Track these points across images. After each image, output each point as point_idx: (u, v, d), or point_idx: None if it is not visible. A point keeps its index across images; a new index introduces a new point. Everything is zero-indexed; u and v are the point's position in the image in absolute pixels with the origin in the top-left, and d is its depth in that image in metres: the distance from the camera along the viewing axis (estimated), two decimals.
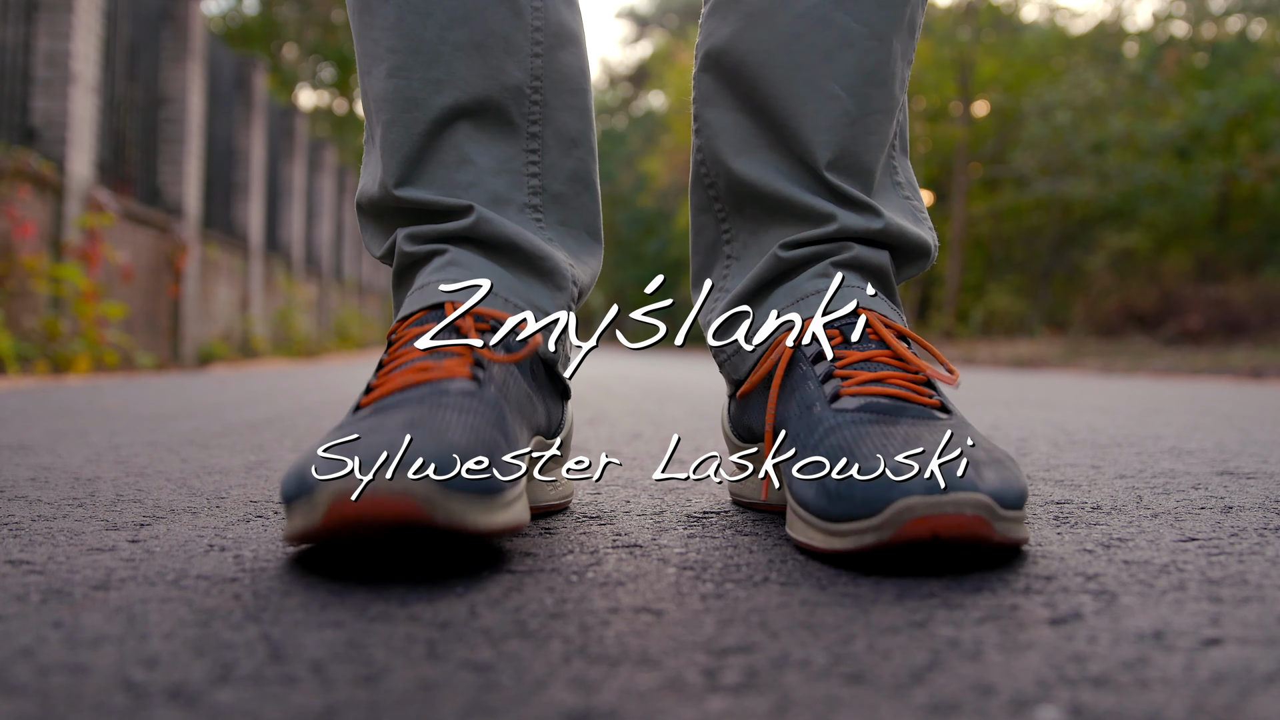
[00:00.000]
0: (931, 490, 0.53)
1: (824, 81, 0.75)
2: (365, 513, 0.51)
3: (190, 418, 1.89)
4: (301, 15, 18.86)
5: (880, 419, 0.62)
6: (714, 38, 0.80)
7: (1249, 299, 9.36)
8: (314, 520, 0.52)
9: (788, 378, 0.70)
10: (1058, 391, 3.42)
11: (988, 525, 0.54)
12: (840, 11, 0.75)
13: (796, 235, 0.76)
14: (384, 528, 0.51)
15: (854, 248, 0.75)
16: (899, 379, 0.66)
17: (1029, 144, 13.70)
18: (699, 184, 0.84)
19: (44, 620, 0.46)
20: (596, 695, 0.37)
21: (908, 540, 0.53)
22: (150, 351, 5.51)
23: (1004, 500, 0.55)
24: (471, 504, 0.53)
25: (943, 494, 0.53)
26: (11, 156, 4.10)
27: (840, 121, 0.76)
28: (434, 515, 0.51)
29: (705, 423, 1.87)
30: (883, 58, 0.76)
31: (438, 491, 0.51)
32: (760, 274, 0.78)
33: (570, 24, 0.81)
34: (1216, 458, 1.20)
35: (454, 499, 0.52)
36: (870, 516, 0.55)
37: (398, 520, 0.51)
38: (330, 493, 0.51)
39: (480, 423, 0.59)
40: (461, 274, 0.72)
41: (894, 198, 0.80)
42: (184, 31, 6.30)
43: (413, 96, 0.75)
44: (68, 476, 0.99)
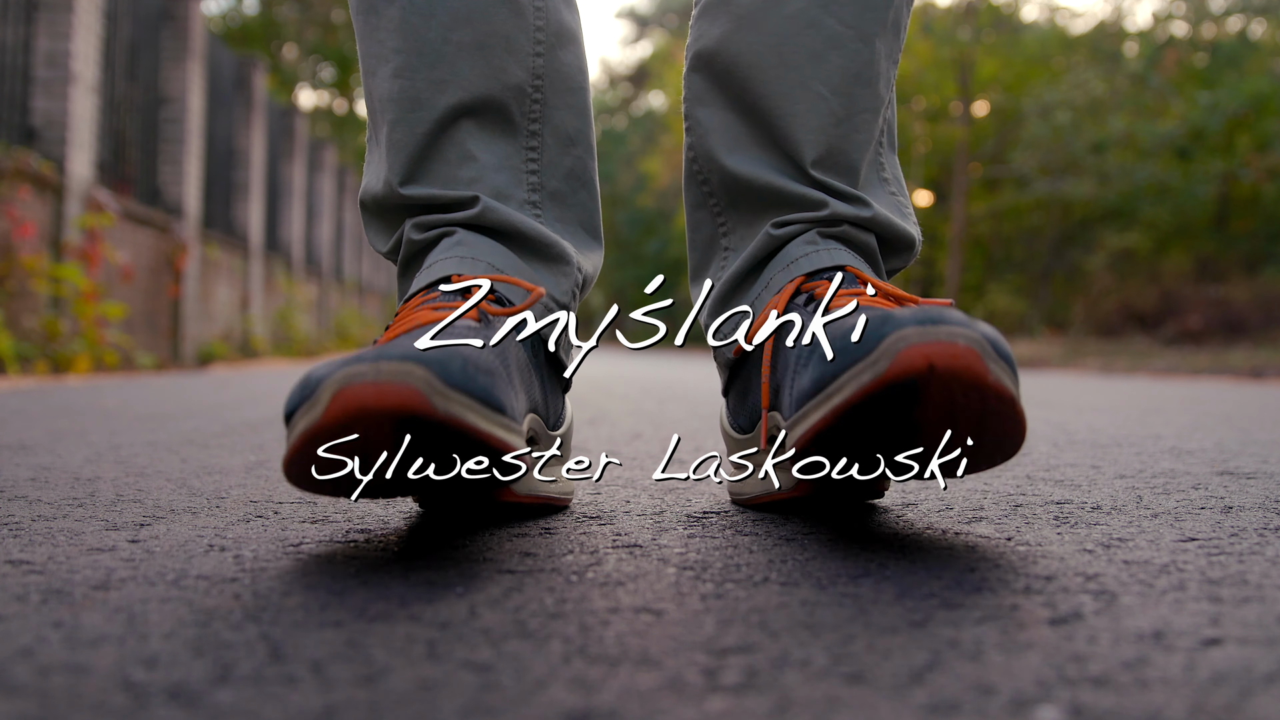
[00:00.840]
0: (924, 323, 0.54)
1: (812, 82, 0.77)
2: (368, 399, 0.50)
3: (190, 418, 1.89)
4: (301, 15, 18.86)
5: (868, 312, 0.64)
6: (704, 39, 0.81)
7: (1249, 299, 9.36)
8: (316, 416, 0.52)
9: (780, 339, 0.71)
10: (1058, 391, 3.42)
11: (981, 361, 0.54)
12: (827, 15, 0.77)
13: (788, 216, 0.78)
14: (386, 417, 0.51)
15: (843, 225, 0.77)
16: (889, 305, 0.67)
17: (1029, 144, 13.71)
18: (693, 181, 0.85)
19: (44, 620, 0.46)
20: (596, 695, 0.37)
21: (904, 373, 0.53)
22: (150, 351, 5.51)
23: (996, 346, 0.55)
24: (471, 404, 0.53)
25: (937, 325, 0.54)
26: (11, 156, 4.10)
27: (827, 121, 0.77)
28: (434, 405, 0.51)
29: (705, 423, 1.87)
30: (868, 59, 0.78)
31: (439, 382, 0.51)
32: (754, 252, 0.79)
33: (570, 24, 0.83)
34: (1216, 458, 1.20)
35: (454, 393, 0.52)
36: (866, 355, 0.55)
37: (399, 408, 0.50)
38: (334, 381, 0.51)
39: (486, 350, 0.59)
40: (469, 252, 0.74)
41: (881, 193, 0.82)
42: (184, 31, 6.30)
43: (417, 96, 0.76)
44: (68, 476, 0.99)
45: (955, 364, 0.53)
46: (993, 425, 0.58)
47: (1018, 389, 0.57)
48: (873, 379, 0.54)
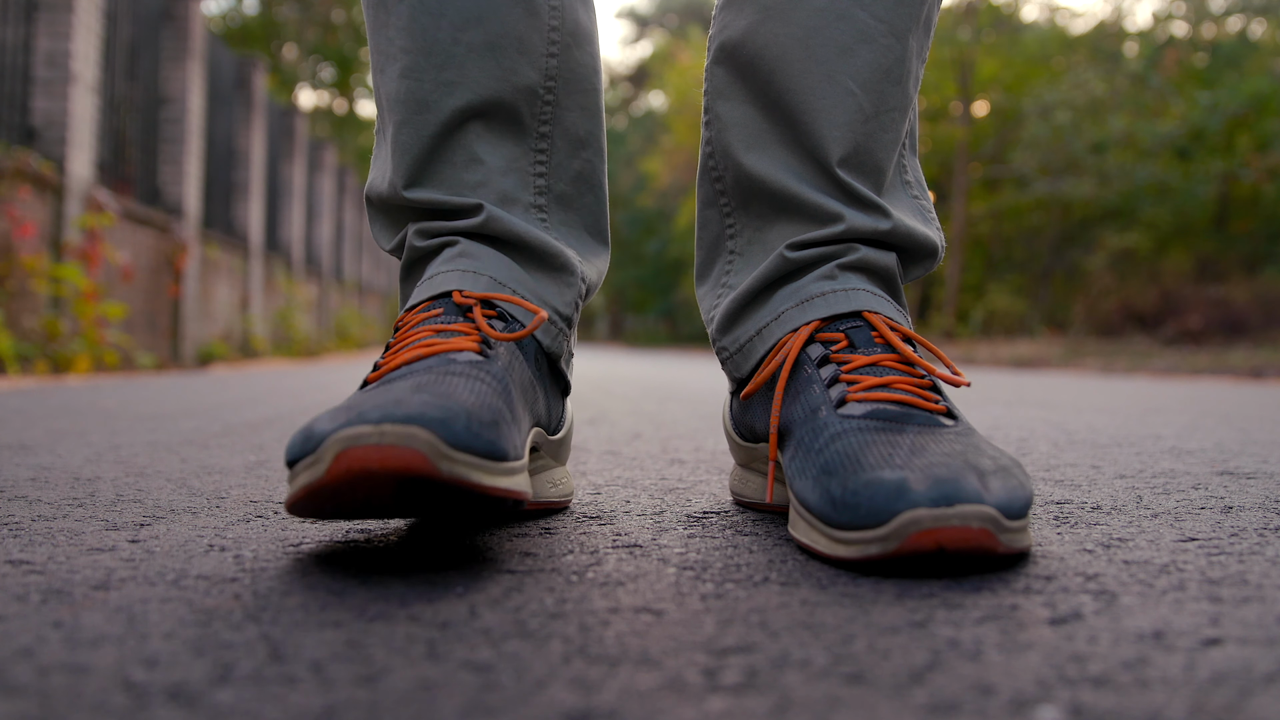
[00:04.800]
0: (937, 503, 0.53)
1: (840, 77, 0.74)
2: (371, 463, 0.50)
3: (190, 418, 1.89)
4: (301, 15, 18.86)
5: (886, 426, 0.62)
6: (729, 30, 0.78)
7: (1249, 299, 9.36)
8: (319, 474, 0.52)
9: (792, 380, 0.70)
10: (1058, 391, 3.42)
11: (993, 537, 0.54)
12: (858, 7, 0.74)
13: (803, 235, 0.75)
14: (389, 478, 0.51)
15: (860, 249, 0.75)
16: (905, 384, 0.66)
17: (1029, 144, 13.71)
18: (706, 177, 0.83)
19: (44, 620, 0.46)
20: (596, 695, 0.37)
21: (913, 552, 0.53)
22: (150, 351, 5.51)
23: (1009, 511, 0.55)
24: (475, 462, 0.53)
25: (949, 507, 0.53)
26: (11, 156, 4.10)
27: (855, 118, 0.74)
28: (438, 467, 0.51)
29: (705, 423, 1.87)
30: (900, 55, 0.75)
31: (443, 444, 0.51)
32: (765, 273, 0.77)
33: (585, 23, 0.81)
34: (1216, 458, 1.20)
35: (458, 454, 0.52)
36: (875, 527, 0.55)
37: (402, 471, 0.51)
38: (337, 441, 0.51)
39: (486, 390, 0.59)
40: (472, 264, 0.73)
41: (903, 197, 0.80)
42: (184, 31, 6.30)
43: (424, 99, 0.75)
44: (68, 476, 0.99)
45: (967, 544, 0.53)
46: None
47: (1028, 534, 0.58)
48: (880, 553, 0.54)
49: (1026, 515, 0.57)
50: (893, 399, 0.64)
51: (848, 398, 0.65)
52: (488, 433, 0.54)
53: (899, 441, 0.60)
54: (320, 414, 0.57)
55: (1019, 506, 0.56)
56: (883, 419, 0.63)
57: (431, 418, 0.52)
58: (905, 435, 0.61)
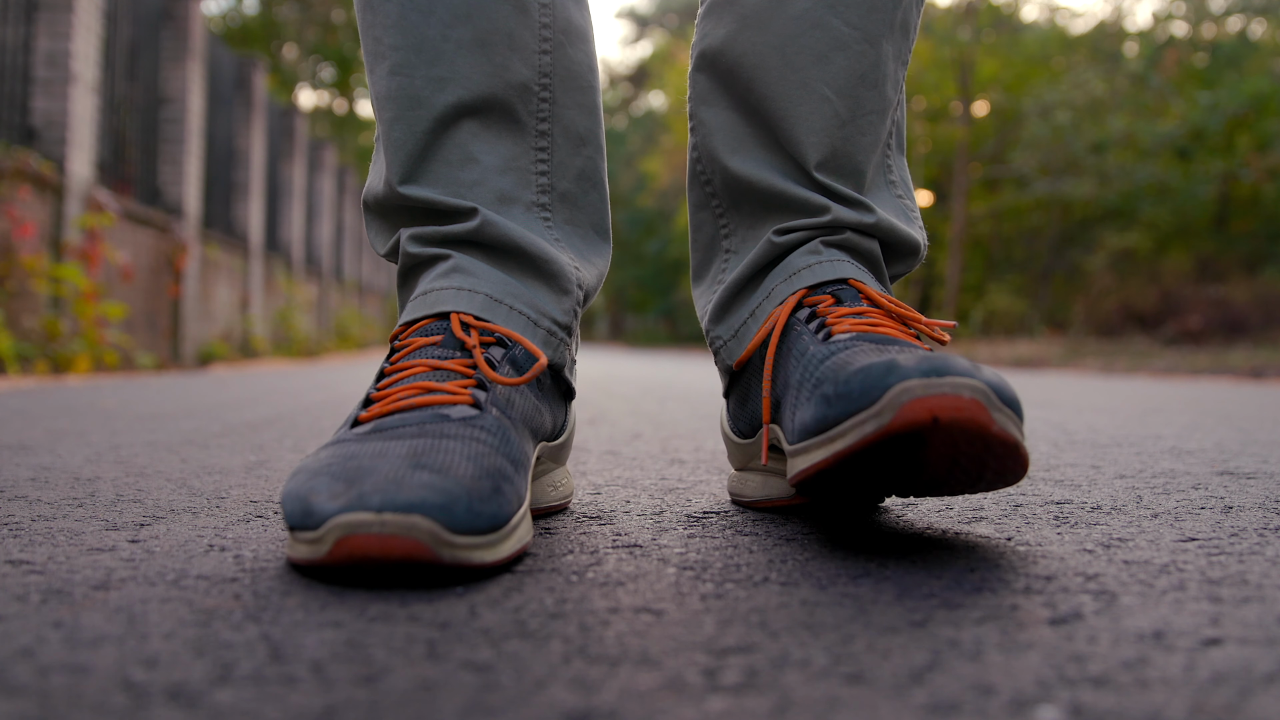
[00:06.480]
0: (929, 374, 0.54)
1: (815, 84, 0.76)
2: (372, 551, 0.51)
3: (190, 418, 1.89)
4: (301, 15, 18.86)
5: (874, 344, 0.64)
6: (709, 38, 0.81)
7: (1249, 299, 9.36)
8: (320, 553, 0.53)
9: (783, 341, 0.71)
10: (1058, 391, 3.42)
11: (985, 411, 0.54)
12: (833, 15, 0.76)
13: (790, 222, 0.78)
14: (390, 564, 0.52)
15: (846, 232, 0.77)
16: (889, 325, 0.68)
17: (1029, 144, 13.71)
18: (696, 181, 0.85)
19: (44, 620, 0.46)
20: (596, 695, 0.37)
21: (907, 425, 0.53)
22: (150, 351, 5.51)
23: (1001, 394, 0.55)
24: (477, 541, 0.54)
25: (940, 377, 0.53)
26: (11, 156, 4.10)
27: (831, 123, 0.77)
28: (440, 554, 0.52)
29: (705, 423, 1.87)
30: (874, 60, 0.77)
31: (444, 532, 0.52)
32: (755, 259, 0.78)
33: (579, 21, 0.81)
34: (1216, 458, 1.20)
35: (460, 539, 0.53)
36: (869, 406, 0.55)
37: (404, 559, 0.51)
38: (338, 527, 0.52)
39: (484, 450, 0.59)
40: (465, 282, 0.72)
41: (887, 196, 0.81)
42: (184, 31, 6.30)
43: (415, 95, 0.75)
44: (68, 476, 0.99)
45: (960, 415, 0.53)
46: (994, 464, 0.59)
47: (1022, 432, 0.58)
48: (876, 430, 0.54)
49: (1019, 414, 0.57)
50: (877, 330, 0.66)
51: (834, 332, 0.67)
52: (489, 508, 0.55)
53: (887, 350, 0.61)
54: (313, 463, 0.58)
55: (1010, 394, 0.56)
56: (869, 341, 0.65)
57: (432, 504, 0.52)
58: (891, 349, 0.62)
